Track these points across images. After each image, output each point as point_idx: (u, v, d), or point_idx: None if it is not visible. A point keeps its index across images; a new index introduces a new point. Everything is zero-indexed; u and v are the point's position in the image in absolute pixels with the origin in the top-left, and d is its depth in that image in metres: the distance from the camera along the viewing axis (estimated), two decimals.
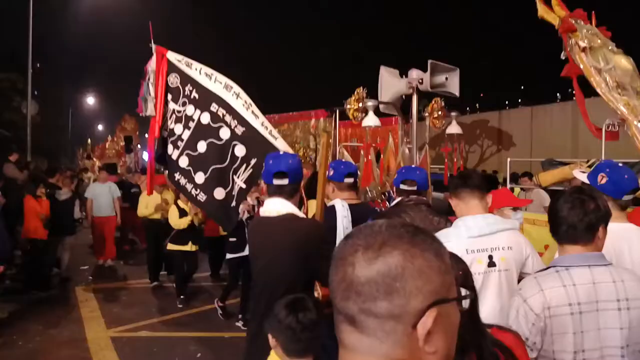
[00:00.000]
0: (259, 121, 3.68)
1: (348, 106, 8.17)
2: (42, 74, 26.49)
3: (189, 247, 7.21)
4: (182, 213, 7.10)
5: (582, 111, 4.96)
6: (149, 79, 3.95)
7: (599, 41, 4.46)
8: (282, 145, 3.60)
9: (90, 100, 46.11)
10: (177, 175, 3.84)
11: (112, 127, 35.92)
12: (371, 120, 6.37)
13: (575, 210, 1.94)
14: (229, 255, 6.55)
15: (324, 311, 2.12)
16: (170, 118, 3.87)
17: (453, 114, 7.21)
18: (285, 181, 2.66)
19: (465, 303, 1.59)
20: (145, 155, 17.93)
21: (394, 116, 10.04)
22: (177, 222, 7.08)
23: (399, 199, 3.32)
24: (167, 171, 4.51)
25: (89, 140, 23.17)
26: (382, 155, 7.68)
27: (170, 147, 3.86)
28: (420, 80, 5.82)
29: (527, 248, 2.71)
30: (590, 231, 1.94)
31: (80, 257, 9.75)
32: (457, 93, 6.20)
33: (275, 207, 2.68)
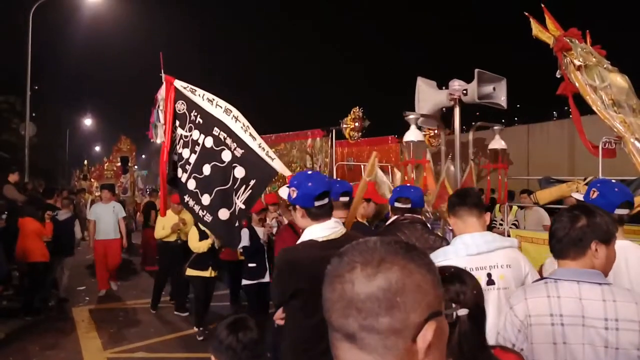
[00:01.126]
0: (256, 143, 3.78)
1: (344, 125, 8.23)
2: (40, 96, 26.58)
3: (209, 272, 6.71)
4: (203, 235, 6.55)
5: (578, 129, 4.99)
6: (158, 107, 4.18)
7: (593, 59, 4.52)
8: (279, 166, 3.69)
9: (87, 121, 46.22)
10: (186, 198, 4.02)
11: (109, 148, 36.05)
12: (413, 134, 5.71)
13: (562, 225, 1.99)
14: (245, 282, 6.15)
15: None
16: (178, 143, 4.08)
17: (496, 127, 6.52)
18: (326, 200, 2.63)
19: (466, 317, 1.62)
20: (142, 176, 17.97)
21: (392, 135, 10.16)
22: (197, 245, 6.56)
23: (394, 217, 3.32)
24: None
25: (85, 162, 23.19)
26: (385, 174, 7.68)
27: (179, 171, 4.05)
28: (465, 91, 5.35)
29: (526, 266, 2.71)
30: (578, 246, 1.95)
31: (78, 278, 9.69)
32: (504, 105, 5.69)
33: (333, 228, 2.62)
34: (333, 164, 8.21)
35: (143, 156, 32.12)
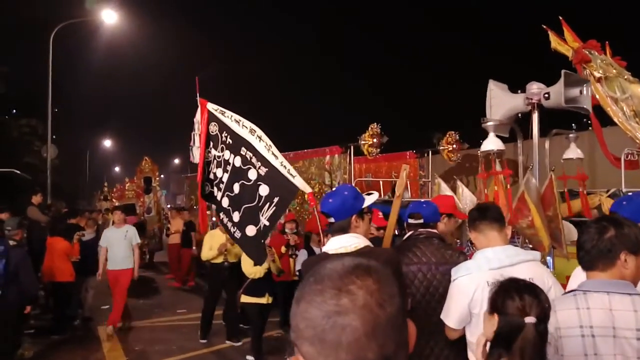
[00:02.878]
0: (278, 161, 3.91)
1: (362, 142, 8.28)
2: (61, 118, 27.12)
3: (265, 299, 6.28)
4: None
5: (599, 141, 4.96)
6: (195, 130, 4.42)
7: (614, 71, 4.51)
8: (300, 183, 3.81)
9: (107, 143, 46.95)
10: (221, 215, 4.22)
11: (128, 168, 36.49)
12: (492, 143, 5.17)
13: (590, 236, 1.99)
14: None
15: None
16: (213, 162, 4.30)
17: (571, 135, 5.96)
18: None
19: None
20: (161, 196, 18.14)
21: (410, 150, 10.19)
22: (253, 270, 6.02)
23: (409, 233, 3.33)
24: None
25: (105, 183, 23.51)
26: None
27: (215, 190, 4.27)
28: (547, 95, 4.83)
29: (549, 279, 2.71)
30: (607, 257, 1.95)
31: (102, 297, 9.77)
32: (590, 109, 5.14)
33: (347, 242, 2.64)
34: (352, 180, 8.24)
35: (162, 176, 32.47)
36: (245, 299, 6.28)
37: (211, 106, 4.34)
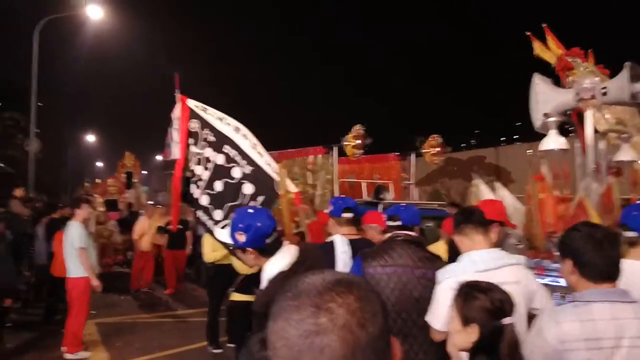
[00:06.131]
0: (263, 160, 3.92)
1: (346, 143, 8.33)
2: (45, 112, 26.82)
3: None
4: None
5: (582, 147, 4.95)
6: (172, 125, 4.32)
7: (597, 79, 4.52)
8: (286, 182, 3.79)
9: (90, 137, 46.36)
10: (199, 213, 4.13)
11: (110, 164, 36.10)
12: (553, 141, 4.58)
13: (602, 246, 1.95)
14: None
15: None
16: (192, 160, 4.22)
17: (624, 135, 5.10)
18: (275, 234, 2.56)
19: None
20: (144, 191, 18.02)
21: (393, 152, 10.26)
22: (245, 266, 5.38)
23: (388, 235, 3.34)
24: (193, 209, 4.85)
25: (86, 180, 23.27)
26: (384, 192, 7.74)
27: (192, 187, 4.18)
28: (604, 90, 4.37)
29: (534, 283, 2.73)
30: (618, 267, 1.96)
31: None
32: None
33: (287, 252, 2.59)
34: (336, 181, 8.28)
35: (144, 172, 32.21)
36: (235, 296, 5.69)
37: (192, 103, 4.28)
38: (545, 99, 4.88)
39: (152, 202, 13.45)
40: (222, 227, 2.75)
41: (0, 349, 6.36)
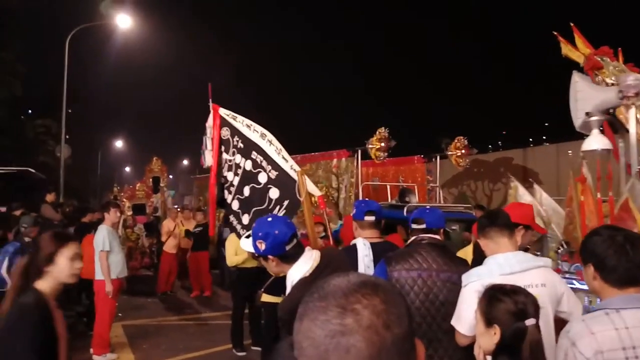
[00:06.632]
0: (288, 165, 3.98)
1: (370, 146, 8.30)
2: (75, 119, 27.46)
3: None
4: None
5: (613, 149, 4.83)
6: (207, 134, 4.53)
7: None
8: (309, 186, 3.82)
9: (118, 143, 47.32)
10: (231, 217, 4.28)
11: (138, 169, 36.71)
12: (597, 141, 4.38)
13: (623, 250, 1.91)
14: None
15: None
16: (224, 167, 4.40)
17: None
18: (295, 241, 2.60)
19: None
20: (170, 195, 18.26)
21: (418, 155, 10.19)
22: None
23: (412, 238, 3.32)
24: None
25: (115, 185, 23.77)
26: (409, 194, 7.67)
27: (225, 193, 4.35)
28: None
29: (562, 285, 2.69)
30: None
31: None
32: None
33: (311, 257, 2.62)
34: (359, 184, 8.25)
35: (170, 177, 32.71)
36: (266, 297, 5.85)
37: (223, 111, 4.45)
38: (585, 97, 4.66)
39: (176, 206, 13.60)
40: (247, 237, 2.79)
41: None
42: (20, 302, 2.32)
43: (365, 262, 3.44)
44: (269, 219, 2.61)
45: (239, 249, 6.27)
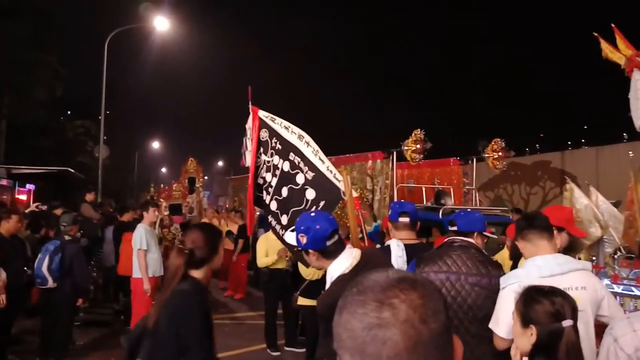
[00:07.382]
0: (324, 166, 4.01)
1: (405, 147, 8.24)
2: (113, 120, 28.17)
3: None
4: None
5: None
6: (246, 135, 4.66)
7: None
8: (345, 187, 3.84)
9: (155, 144, 48.25)
10: (270, 218, 4.35)
11: (174, 170, 37.31)
12: None
13: None
14: None
15: None
16: (262, 167, 4.47)
17: None
18: (336, 237, 2.64)
19: None
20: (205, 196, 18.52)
21: (454, 157, 10.08)
22: (309, 272, 5.66)
23: (446, 239, 3.30)
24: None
25: (152, 186, 24.27)
26: (445, 197, 7.61)
27: (264, 193, 4.42)
28: None
29: (602, 289, 2.65)
30: None
31: None
32: None
33: (351, 255, 2.65)
34: (394, 186, 8.22)
35: (205, 177, 33.20)
36: (302, 301, 5.96)
37: (262, 113, 4.52)
38: None
39: (220, 205, 13.76)
40: (292, 230, 2.84)
41: (71, 345, 6.65)
42: (181, 290, 2.53)
43: (398, 263, 3.45)
44: (312, 214, 2.66)
45: (270, 250, 6.70)
